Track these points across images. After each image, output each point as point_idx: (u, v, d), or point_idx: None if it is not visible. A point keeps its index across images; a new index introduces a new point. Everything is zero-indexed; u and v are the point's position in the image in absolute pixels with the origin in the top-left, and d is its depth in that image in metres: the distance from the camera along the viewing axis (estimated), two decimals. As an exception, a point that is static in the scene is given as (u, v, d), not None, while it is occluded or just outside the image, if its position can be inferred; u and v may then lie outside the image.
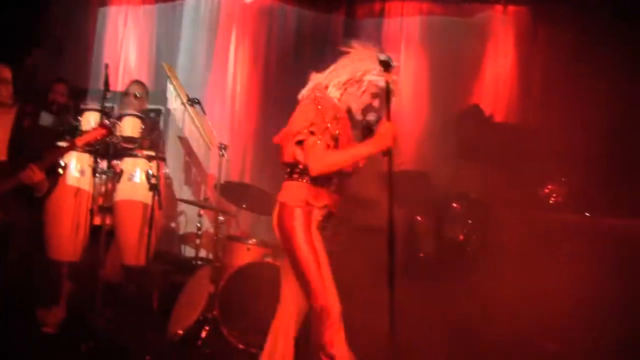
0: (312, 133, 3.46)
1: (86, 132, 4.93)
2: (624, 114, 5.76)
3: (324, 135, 3.47)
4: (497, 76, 7.16)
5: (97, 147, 5.06)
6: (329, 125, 3.48)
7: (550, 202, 5.32)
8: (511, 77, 7.10)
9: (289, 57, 7.62)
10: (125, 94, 6.03)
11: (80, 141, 4.86)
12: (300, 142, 3.52)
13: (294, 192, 3.60)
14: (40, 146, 4.91)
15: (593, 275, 5.14)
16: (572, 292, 5.23)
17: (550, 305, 5.25)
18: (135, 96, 5.93)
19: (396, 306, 6.20)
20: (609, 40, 5.89)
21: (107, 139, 5.07)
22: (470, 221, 5.52)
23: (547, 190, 5.33)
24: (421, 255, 5.64)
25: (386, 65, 3.44)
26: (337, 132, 3.52)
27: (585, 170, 5.45)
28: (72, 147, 4.93)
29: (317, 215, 3.61)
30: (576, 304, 5.19)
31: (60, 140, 5.21)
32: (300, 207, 3.55)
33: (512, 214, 5.61)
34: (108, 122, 5.04)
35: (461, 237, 5.53)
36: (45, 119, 5.68)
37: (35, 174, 4.68)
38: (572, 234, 5.62)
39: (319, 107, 3.52)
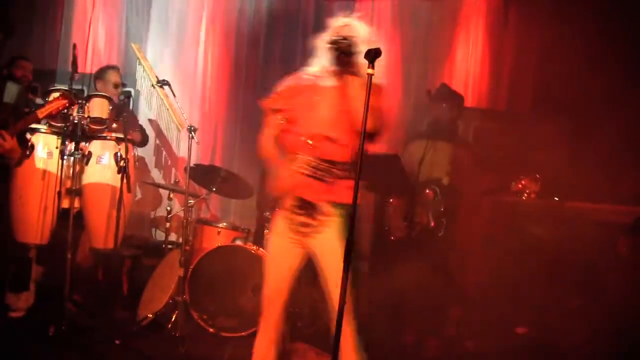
0: None
1: (48, 103, 4.87)
2: (596, 98, 5.79)
3: None
4: (469, 59, 7.17)
5: (66, 128, 4.98)
6: None
7: (524, 197, 5.36)
8: (482, 60, 7.11)
9: (261, 39, 7.57)
10: (101, 79, 5.95)
11: (42, 112, 4.80)
12: None
13: None
14: (3, 120, 4.88)
15: (561, 258, 5.20)
16: (541, 274, 5.30)
17: (520, 288, 5.31)
18: (115, 86, 5.88)
19: (365, 288, 6.25)
20: (580, 24, 5.92)
21: (76, 120, 5.01)
22: (442, 209, 5.55)
23: (520, 186, 5.36)
24: (392, 238, 5.66)
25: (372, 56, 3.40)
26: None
27: (556, 155, 5.49)
28: (35, 117, 4.86)
29: None
30: (546, 286, 5.25)
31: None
32: None
33: (483, 199, 5.64)
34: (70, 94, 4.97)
35: (432, 223, 5.55)
36: (9, 95, 5.60)
37: (7, 141, 4.73)
38: (541, 218, 5.67)
39: None
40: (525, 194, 5.34)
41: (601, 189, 5.32)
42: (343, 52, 3.44)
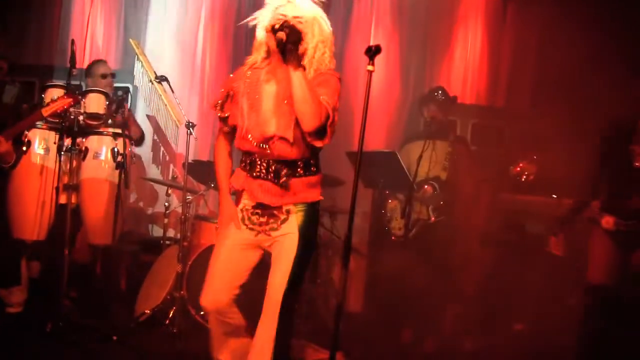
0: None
1: (52, 101, 4.84)
2: (593, 96, 5.78)
3: None
4: (467, 56, 7.16)
5: (63, 123, 4.96)
6: None
7: (522, 180, 5.32)
8: (481, 56, 7.10)
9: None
10: (90, 74, 5.92)
11: (46, 111, 4.78)
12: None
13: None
14: (3, 120, 4.86)
15: (560, 256, 5.20)
16: (538, 271, 5.30)
17: (518, 285, 5.31)
18: (103, 76, 5.84)
19: (367, 285, 6.24)
20: (578, 21, 5.91)
21: (72, 116, 5.00)
22: (442, 202, 5.55)
23: (518, 169, 5.31)
24: (392, 238, 5.67)
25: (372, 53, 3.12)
26: None
27: (553, 152, 5.49)
28: (38, 117, 4.84)
29: None
30: (543, 283, 5.25)
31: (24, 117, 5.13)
32: None
33: (482, 195, 5.64)
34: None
35: (433, 218, 5.56)
36: (8, 95, 5.58)
37: (1, 144, 4.73)
38: (539, 215, 5.67)
39: None
40: (524, 176, 5.30)
41: (599, 186, 5.32)
42: (285, 41, 3.08)
